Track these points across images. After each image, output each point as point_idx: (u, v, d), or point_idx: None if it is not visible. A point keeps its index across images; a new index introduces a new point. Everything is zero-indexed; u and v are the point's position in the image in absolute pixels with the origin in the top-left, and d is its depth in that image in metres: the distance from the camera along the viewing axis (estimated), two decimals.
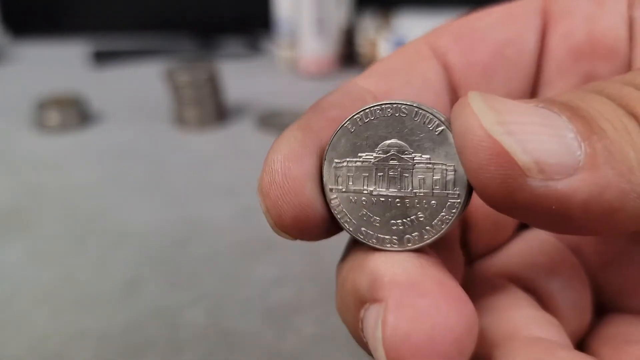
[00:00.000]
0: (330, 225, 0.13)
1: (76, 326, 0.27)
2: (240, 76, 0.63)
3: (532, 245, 0.17)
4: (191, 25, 0.79)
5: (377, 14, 0.68)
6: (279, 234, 0.13)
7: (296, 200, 0.12)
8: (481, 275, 0.16)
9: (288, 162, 0.12)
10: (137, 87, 0.62)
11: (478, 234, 0.17)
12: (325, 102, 0.14)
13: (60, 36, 0.81)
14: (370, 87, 0.15)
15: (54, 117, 0.50)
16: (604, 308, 0.17)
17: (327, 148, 0.13)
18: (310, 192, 0.13)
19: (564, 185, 0.10)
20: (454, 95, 0.16)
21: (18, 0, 0.79)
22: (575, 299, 0.15)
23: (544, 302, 0.15)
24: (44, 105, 0.51)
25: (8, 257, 0.32)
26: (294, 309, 0.28)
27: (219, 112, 0.52)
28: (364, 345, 0.12)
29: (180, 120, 0.51)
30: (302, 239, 0.13)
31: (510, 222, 0.17)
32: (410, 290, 0.11)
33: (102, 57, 0.72)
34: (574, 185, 0.10)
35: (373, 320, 0.11)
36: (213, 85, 0.51)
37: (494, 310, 0.14)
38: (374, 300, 0.11)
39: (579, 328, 0.16)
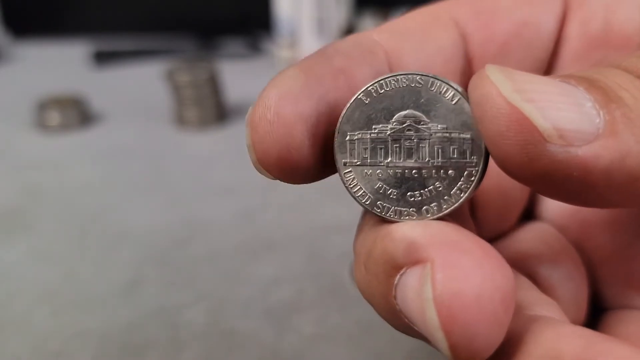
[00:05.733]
0: (313, 172, 0.13)
1: (76, 326, 0.27)
2: (240, 76, 0.63)
3: (535, 235, 0.17)
4: (191, 25, 0.79)
5: (376, 14, 0.68)
6: (259, 171, 0.13)
7: (283, 140, 0.12)
8: None
9: (283, 100, 0.12)
10: (138, 87, 0.62)
11: (482, 219, 0.17)
12: (332, 48, 0.14)
13: (60, 36, 0.81)
14: (382, 42, 0.15)
15: (54, 117, 0.50)
16: (605, 304, 0.17)
17: (340, 121, 0.13)
18: (299, 134, 0.12)
19: (584, 152, 0.10)
20: (468, 66, 0.16)
21: (19, 1, 0.79)
22: (575, 291, 0.16)
23: (544, 291, 0.15)
24: (44, 106, 0.51)
25: (8, 257, 0.32)
26: (294, 309, 0.28)
27: (219, 112, 0.52)
28: (393, 315, 0.12)
29: (180, 120, 0.51)
30: (281, 179, 0.13)
31: (514, 209, 0.17)
32: (453, 249, 0.11)
33: (102, 58, 0.72)
34: (595, 152, 0.10)
35: (416, 282, 0.11)
36: (213, 85, 0.51)
37: None
38: (415, 262, 0.11)
39: (574, 321, 0.15)
